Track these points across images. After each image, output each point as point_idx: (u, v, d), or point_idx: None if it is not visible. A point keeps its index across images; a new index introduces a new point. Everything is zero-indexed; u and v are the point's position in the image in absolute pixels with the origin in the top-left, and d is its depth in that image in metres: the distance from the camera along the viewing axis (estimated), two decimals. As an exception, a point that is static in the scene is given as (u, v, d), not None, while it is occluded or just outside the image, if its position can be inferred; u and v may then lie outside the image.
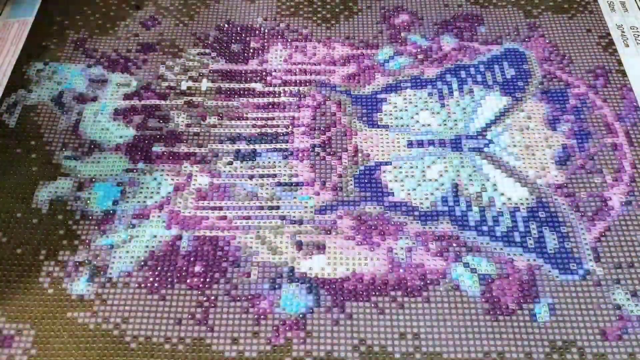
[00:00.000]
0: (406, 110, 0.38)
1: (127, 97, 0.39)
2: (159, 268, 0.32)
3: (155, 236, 0.33)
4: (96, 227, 0.33)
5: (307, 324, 0.30)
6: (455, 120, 0.38)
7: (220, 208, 0.34)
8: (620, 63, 0.40)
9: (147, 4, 0.45)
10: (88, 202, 0.34)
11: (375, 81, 0.40)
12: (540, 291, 0.31)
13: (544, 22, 0.43)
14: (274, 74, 0.40)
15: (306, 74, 0.40)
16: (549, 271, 0.31)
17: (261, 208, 0.34)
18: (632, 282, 0.31)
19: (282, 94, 0.39)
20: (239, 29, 0.43)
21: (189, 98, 0.39)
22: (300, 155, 0.36)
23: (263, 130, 0.37)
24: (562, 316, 0.30)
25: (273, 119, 0.38)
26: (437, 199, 0.34)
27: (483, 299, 0.30)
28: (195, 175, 0.35)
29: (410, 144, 0.37)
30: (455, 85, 0.39)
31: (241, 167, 0.36)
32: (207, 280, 0.31)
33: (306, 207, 0.34)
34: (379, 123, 0.38)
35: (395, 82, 0.40)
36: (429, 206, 0.34)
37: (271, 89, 0.39)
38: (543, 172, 0.35)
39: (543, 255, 0.32)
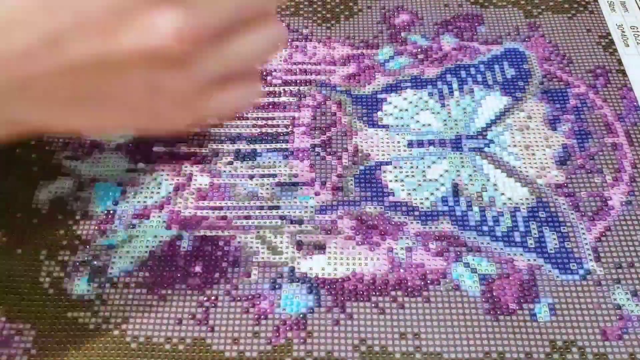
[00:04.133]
0: (406, 110, 0.38)
1: (127, 97, 0.39)
2: (159, 268, 0.32)
3: (155, 236, 0.33)
4: (96, 227, 0.33)
5: (308, 324, 0.30)
6: (456, 120, 0.38)
7: (221, 208, 0.34)
8: (620, 63, 0.40)
9: (147, 3, 0.44)
10: (88, 202, 0.34)
11: (375, 81, 0.40)
12: (540, 291, 0.31)
13: (544, 22, 0.43)
14: (274, 73, 0.40)
15: (306, 74, 0.40)
16: (549, 271, 0.31)
17: (261, 208, 0.34)
18: (633, 282, 0.31)
19: (282, 94, 0.39)
20: (239, 29, 0.43)
21: (189, 98, 0.39)
22: (300, 155, 0.36)
23: (263, 130, 0.37)
24: (563, 316, 0.30)
25: (273, 118, 0.38)
26: (437, 199, 0.34)
27: (483, 299, 0.30)
28: (195, 175, 0.35)
29: (410, 144, 0.37)
30: (455, 85, 0.39)
31: (241, 167, 0.36)
32: (207, 280, 0.31)
33: (306, 207, 0.34)
34: (379, 123, 0.38)
35: (395, 82, 0.40)
36: (429, 206, 0.34)
37: (271, 88, 0.39)
38: (543, 172, 0.35)
39: (543, 255, 0.32)
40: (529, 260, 0.32)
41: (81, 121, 0.24)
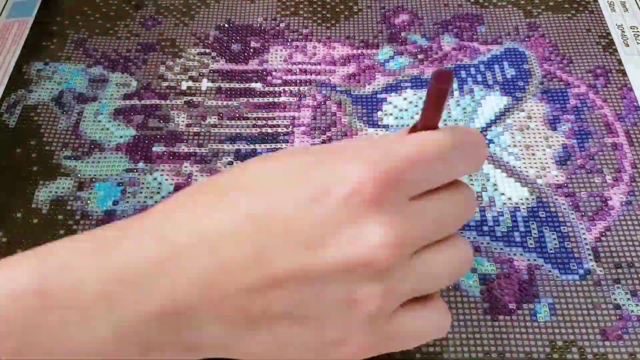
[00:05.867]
0: (406, 110, 0.38)
1: (127, 97, 0.39)
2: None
3: (155, 236, 0.33)
4: (96, 227, 0.33)
5: (308, 324, 0.30)
6: (456, 120, 0.38)
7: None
8: (620, 63, 0.40)
9: (147, 4, 0.45)
10: (88, 202, 0.34)
11: (375, 81, 0.40)
12: (540, 291, 0.31)
13: (544, 22, 0.43)
14: (274, 73, 0.40)
15: (306, 74, 0.40)
16: (549, 271, 0.31)
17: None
18: (632, 281, 0.31)
19: (282, 94, 0.39)
20: (239, 28, 0.43)
21: (189, 98, 0.39)
22: (300, 155, 0.36)
23: (263, 130, 0.37)
24: (562, 316, 0.30)
25: (273, 118, 0.38)
26: (437, 199, 0.34)
27: (483, 299, 0.30)
28: (195, 175, 0.35)
29: (410, 144, 0.36)
30: (455, 85, 0.39)
31: (241, 167, 0.36)
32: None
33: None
34: (379, 123, 0.38)
35: (395, 82, 0.40)
36: (429, 206, 0.34)
37: (271, 88, 0.39)
38: (543, 172, 0.35)
39: (543, 255, 0.32)
40: (528, 260, 0.32)
41: (265, 345, 0.22)
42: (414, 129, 0.24)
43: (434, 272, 0.23)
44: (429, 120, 0.23)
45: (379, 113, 0.38)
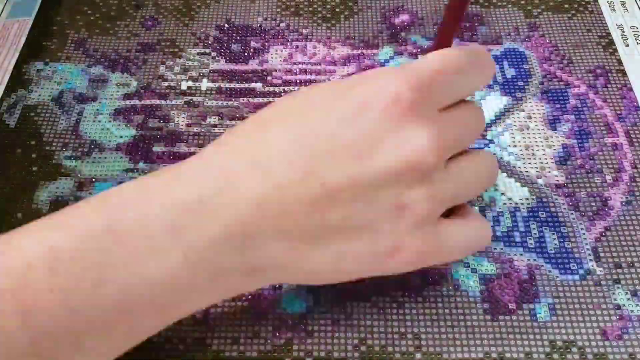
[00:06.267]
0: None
1: (127, 97, 0.39)
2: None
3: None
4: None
5: (308, 324, 0.30)
6: (456, 120, 0.38)
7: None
8: (620, 63, 0.40)
9: (147, 4, 0.45)
10: (88, 202, 0.34)
11: (375, 81, 0.40)
12: (540, 291, 0.31)
13: (544, 22, 0.43)
14: (274, 73, 0.40)
15: (306, 74, 0.40)
16: (549, 271, 0.31)
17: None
18: (632, 282, 0.31)
19: (282, 94, 0.39)
20: (239, 28, 0.43)
21: (189, 98, 0.39)
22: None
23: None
24: (562, 316, 0.30)
25: (273, 119, 0.38)
26: (437, 199, 0.34)
27: (483, 299, 0.30)
28: (196, 175, 0.35)
29: (410, 144, 0.36)
30: (455, 85, 0.39)
31: (241, 167, 0.36)
32: (208, 280, 0.31)
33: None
34: (379, 123, 0.38)
35: (396, 82, 0.40)
36: (429, 206, 0.34)
37: (271, 88, 0.39)
38: (543, 172, 0.35)
39: (543, 255, 0.32)
40: (528, 260, 0.32)
41: (323, 261, 0.24)
42: (428, 50, 0.25)
43: (467, 177, 0.26)
44: (444, 39, 0.25)
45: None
